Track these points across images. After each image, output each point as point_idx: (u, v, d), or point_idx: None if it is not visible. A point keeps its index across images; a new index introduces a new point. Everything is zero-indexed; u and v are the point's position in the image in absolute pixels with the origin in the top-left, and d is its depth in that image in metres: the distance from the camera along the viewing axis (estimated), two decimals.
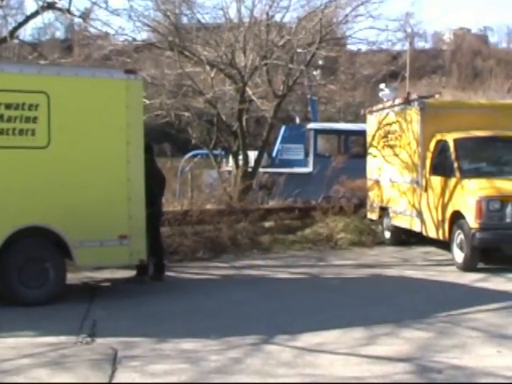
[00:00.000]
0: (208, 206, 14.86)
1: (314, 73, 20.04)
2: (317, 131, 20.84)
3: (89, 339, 6.81)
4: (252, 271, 11.09)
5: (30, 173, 8.48)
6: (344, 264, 11.66)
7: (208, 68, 15.45)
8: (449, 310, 7.87)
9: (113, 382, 5.45)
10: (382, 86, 20.05)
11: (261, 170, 19.44)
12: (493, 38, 69.75)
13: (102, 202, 8.81)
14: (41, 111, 8.48)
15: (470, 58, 59.60)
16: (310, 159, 20.48)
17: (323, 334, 6.87)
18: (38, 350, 6.35)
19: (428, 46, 68.50)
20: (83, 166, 8.74)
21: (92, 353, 6.29)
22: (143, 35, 17.95)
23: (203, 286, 9.85)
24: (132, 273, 10.31)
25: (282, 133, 21.46)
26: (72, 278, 10.21)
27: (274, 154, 21.24)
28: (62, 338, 6.82)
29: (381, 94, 19.71)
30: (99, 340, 6.81)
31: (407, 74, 52.01)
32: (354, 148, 21.15)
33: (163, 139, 29.27)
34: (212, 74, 15.59)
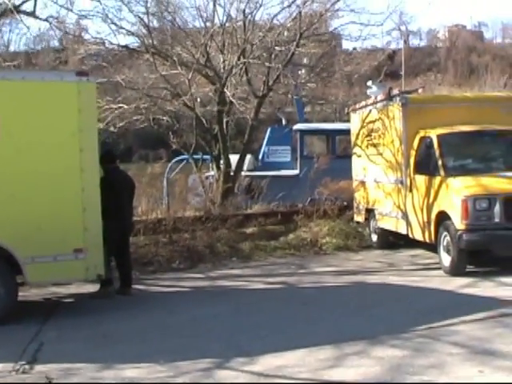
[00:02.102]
0: (189, 213, 14.24)
1: (300, 72, 19.39)
2: (303, 132, 20.11)
3: (27, 366, 6.18)
4: (226, 282, 10.43)
5: None
6: (325, 271, 10.99)
7: (184, 69, 14.80)
8: (429, 322, 7.18)
9: None
10: (369, 83, 19.33)
11: (247, 173, 18.84)
12: (487, 34, 69.20)
13: (54, 213, 8.17)
14: None
15: (465, 54, 59.00)
16: (297, 161, 19.79)
17: (286, 354, 6.19)
18: None
19: (423, 43, 68.02)
20: (33, 175, 8.09)
21: None
22: (120, 39, 17.39)
23: (170, 301, 9.16)
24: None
25: (267, 134, 20.79)
26: (35, 293, 9.65)
27: (260, 157, 20.58)
28: None
29: (368, 91, 19.01)
30: (38, 367, 6.17)
31: (402, 72, 51.53)
32: (343, 148, 20.43)
33: (159, 145, 28.75)
34: (189, 76, 14.96)
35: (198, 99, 16.25)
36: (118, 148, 37.10)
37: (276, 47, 14.64)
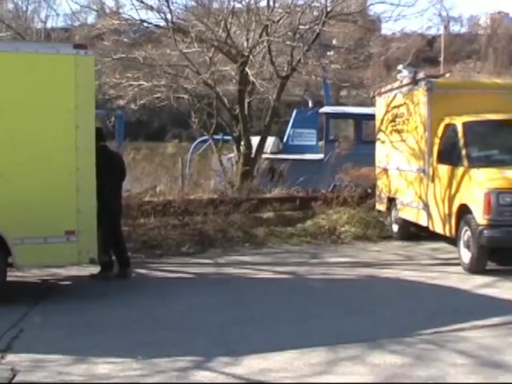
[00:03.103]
0: (203, 195, 13.81)
1: (329, 53, 18.70)
2: (329, 115, 19.45)
3: None
4: (233, 269, 9.96)
5: None
6: (338, 262, 10.44)
7: (205, 47, 14.28)
8: (437, 326, 6.59)
9: None
10: (400, 66, 18.53)
11: (270, 156, 18.29)
12: None
13: (46, 193, 7.75)
14: None
15: (506, 42, 57.34)
16: (322, 145, 19.16)
17: (274, 356, 5.68)
18: None
19: (464, 30, 66.44)
20: (25, 153, 7.67)
21: None
22: (142, 16, 16.89)
23: (168, 288, 8.70)
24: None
25: (293, 117, 20.15)
26: (34, 274, 9.32)
27: (284, 140, 19.99)
28: None
29: (398, 75, 18.20)
30: (9, 357, 5.77)
31: (441, 59, 50.07)
32: (370, 133, 19.73)
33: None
34: (210, 54, 14.45)
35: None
36: (151, 126, 36.88)
37: (300, 26, 14.00)
